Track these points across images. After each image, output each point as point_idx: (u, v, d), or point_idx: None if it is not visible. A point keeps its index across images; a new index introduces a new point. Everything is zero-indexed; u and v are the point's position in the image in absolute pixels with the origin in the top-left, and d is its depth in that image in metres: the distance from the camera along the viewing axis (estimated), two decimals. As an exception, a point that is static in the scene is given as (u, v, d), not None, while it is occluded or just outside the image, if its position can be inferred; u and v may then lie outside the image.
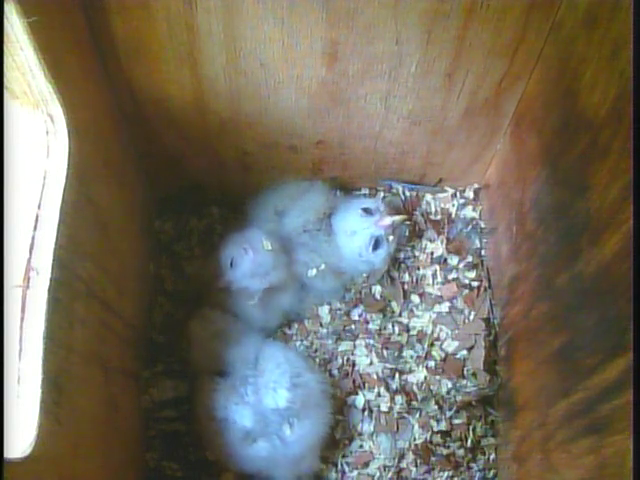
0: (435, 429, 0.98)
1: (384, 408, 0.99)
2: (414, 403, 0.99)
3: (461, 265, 1.08)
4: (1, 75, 0.61)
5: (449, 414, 0.99)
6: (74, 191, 0.66)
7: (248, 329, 1.00)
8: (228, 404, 0.92)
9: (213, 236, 1.08)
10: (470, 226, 1.11)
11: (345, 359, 1.02)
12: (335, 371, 1.02)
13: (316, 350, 1.03)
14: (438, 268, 1.08)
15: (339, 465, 0.98)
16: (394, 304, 1.06)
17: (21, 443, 0.55)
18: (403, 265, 1.09)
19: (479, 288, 1.06)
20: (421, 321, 1.05)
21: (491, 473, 1.00)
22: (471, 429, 1.00)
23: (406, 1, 0.74)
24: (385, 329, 1.04)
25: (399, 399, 0.99)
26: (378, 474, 0.98)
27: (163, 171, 1.04)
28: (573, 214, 0.75)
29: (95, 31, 0.75)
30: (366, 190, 1.14)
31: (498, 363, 1.02)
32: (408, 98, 0.90)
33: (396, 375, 1.01)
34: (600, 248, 0.68)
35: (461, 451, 0.99)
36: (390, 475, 0.97)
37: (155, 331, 1.03)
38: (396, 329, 1.04)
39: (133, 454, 0.93)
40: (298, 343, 1.04)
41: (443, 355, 1.02)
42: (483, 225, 1.10)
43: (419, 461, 0.98)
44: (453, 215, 1.12)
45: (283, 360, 0.94)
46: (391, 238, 1.03)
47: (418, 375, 1.01)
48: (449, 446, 0.99)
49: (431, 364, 1.02)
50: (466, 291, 1.06)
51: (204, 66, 0.82)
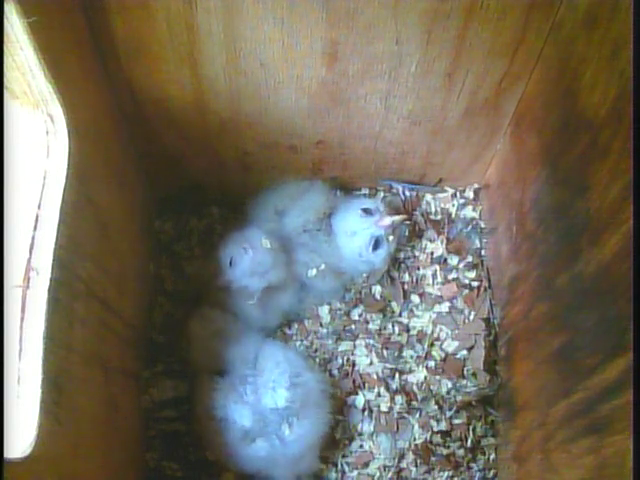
0: (435, 429, 0.98)
1: (384, 408, 0.99)
2: (414, 403, 0.99)
3: (461, 265, 1.08)
4: (1, 75, 0.61)
5: (449, 414, 0.99)
6: (74, 191, 0.66)
7: (248, 328, 1.00)
8: (227, 403, 0.92)
9: (213, 236, 1.07)
10: (470, 226, 1.11)
11: (345, 359, 1.02)
12: (335, 371, 1.02)
13: (316, 350, 1.03)
14: (438, 268, 1.08)
15: (339, 465, 0.98)
16: (394, 304, 1.06)
17: (21, 443, 0.55)
18: (403, 265, 1.09)
19: (479, 288, 1.06)
20: (421, 321, 1.05)
21: (491, 473, 1.00)
22: (471, 429, 1.00)
23: (406, 1, 0.74)
24: (385, 329, 1.04)
25: (399, 399, 0.99)
26: (378, 474, 0.98)
27: (163, 171, 1.04)
28: (573, 214, 0.75)
29: (95, 31, 0.75)
30: (366, 190, 1.14)
31: (498, 363, 1.02)
32: (408, 98, 0.90)
33: (396, 375, 1.01)
34: (600, 248, 0.68)
35: (461, 451, 0.99)
36: (390, 475, 0.98)
37: (155, 331, 1.03)
38: (396, 329, 1.04)
39: (133, 454, 0.93)
40: (298, 343, 1.04)
41: (443, 355, 1.02)
42: (483, 225, 1.10)
43: (419, 461, 0.98)
44: (453, 215, 1.12)
45: (282, 359, 0.94)
46: (391, 238, 1.03)
47: (418, 375, 1.01)
48: (449, 446, 0.99)
49: (431, 364, 1.02)
50: (466, 291, 1.06)
51: (204, 66, 0.82)
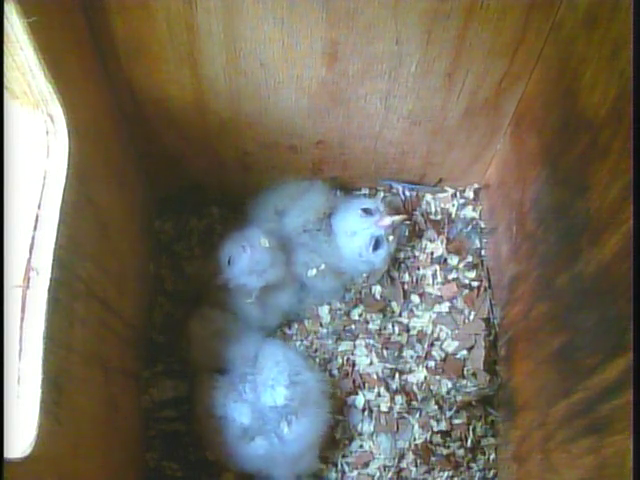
0: (435, 429, 0.98)
1: (384, 408, 0.99)
2: (414, 403, 0.99)
3: (461, 265, 1.08)
4: (1, 75, 0.61)
5: (449, 414, 0.99)
6: (74, 191, 0.66)
7: (248, 328, 1.00)
8: (227, 402, 0.92)
9: (213, 236, 1.07)
10: (470, 226, 1.11)
11: (345, 359, 1.02)
12: (335, 371, 1.02)
13: (316, 350, 1.03)
14: (438, 268, 1.08)
15: (339, 465, 0.98)
16: (394, 304, 1.06)
17: (21, 443, 0.55)
18: (403, 265, 1.09)
19: (479, 288, 1.06)
20: (421, 321, 1.05)
21: (491, 473, 1.00)
22: (471, 429, 1.00)
23: (406, 1, 0.74)
24: (385, 329, 1.04)
25: (399, 399, 0.99)
26: (378, 474, 0.98)
27: (163, 171, 1.04)
28: (573, 214, 0.75)
29: (95, 31, 0.75)
30: (366, 190, 1.14)
31: (498, 363, 1.02)
32: (408, 98, 0.90)
33: (396, 375, 1.00)
34: (600, 248, 0.68)
35: (461, 451, 0.99)
36: (390, 475, 0.97)
37: (155, 331, 1.03)
38: (396, 329, 1.04)
39: (133, 454, 0.93)
40: (298, 343, 1.04)
41: (443, 355, 1.02)
42: (483, 225, 1.10)
43: (419, 461, 0.98)
44: (453, 215, 1.12)
45: (282, 358, 0.94)
46: (391, 238, 1.03)
47: (418, 375, 1.01)
48: (449, 446, 0.99)
49: (431, 364, 1.02)
50: (466, 291, 1.06)
51: (204, 66, 0.82)
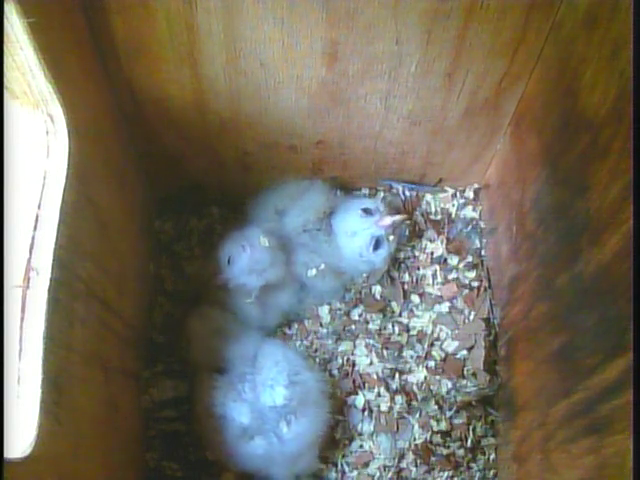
0: (435, 429, 0.98)
1: (384, 408, 0.99)
2: (414, 403, 0.99)
3: (461, 265, 1.08)
4: (1, 75, 0.61)
5: (449, 414, 0.99)
6: (74, 191, 0.66)
7: (247, 327, 1.00)
8: (226, 401, 0.92)
9: (213, 236, 1.07)
10: (470, 226, 1.11)
11: (345, 359, 1.02)
12: (335, 371, 1.02)
13: (316, 350, 1.03)
14: (438, 268, 1.08)
15: (339, 465, 0.98)
16: (394, 304, 1.06)
17: (21, 443, 0.55)
18: (403, 265, 1.09)
19: (479, 288, 1.06)
20: (421, 321, 1.05)
21: (491, 473, 1.00)
22: (471, 429, 1.00)
23: (406, 1, 0.74)
24: (385, 329, 1.04)
25: (399, 399, 0.99)
26: (378, 474, 0.98)
27: (163, 171, 1.04)
28: (573, 214, 0.75)
29: (95, 31, 0.75)
30: (366, 190, 1.14)
31: (498, 363, 1.02)
32: (408, 98, 0.90)
33: (396, 375, 1.00)
34: (600, 248, 0.68)
35: (461, 451, 0.99)
36: (390, 475, 0.97)
37: (155, 331, 1.03)
38: (396, 329, 1.04)
39: (133, 454, 0.93)
40: (298, 343, 1.04)
41: (443, 355, 1.02)
42: (483, 225, 1.10)
43: (419, 461, 0.98)
44: (453, 215, 1.12)
45: (281, 358, 0.94)
46: (392, 238, 1.03)
47: (418, 375, 1.01)
48: (449, 446, 0.99)
49: (431, 364, 1.02)
50: (466, 291, 1.06)
51: (204, 66, 0.82)
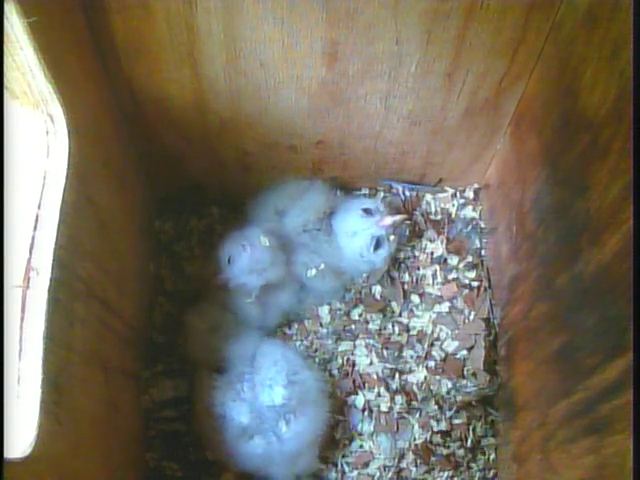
0: (435, 429, 0.98)
1: (384, 408, 0.99)
2: (414, 403, 0.99)
3: (461, 265, 1.08)
4: (1, 75, 0.61)
5: (449, 414, 0.99)
6: (74, 191, 0.66)
7: (247, 326, 1.00)
8: (225, 400, 0.92)
9: (213, 236, 1.07)
10: (470, 226, 1.11)
11: (345, 359, 1.02)
12: (335, 371, 1.02)
13: (316, 350, 1.03)
14: (438, 268, 1.08)
15: (339, 465, 0.98)
16: (394, 304, 1.06)
17: (21, 443, 0.55)
18: (403, 265, 1.09)
19: (479, 288, 1.06)
20: (421, 321, 1.05)
21: (491, 473, 1.00)
22: (471, 429, 1.00)
23: (406, 1, 0.74)
24: (385, 329, 1.04)
25: (399, 399, 0.99)
26: (378, 474, 0.98)
27: (163, 171, 1.04)
28: (573, 214, 0.75)
29: (95, 31, 0.75)
30: (366, 190, 1.14)
31: (498, 363, 1.02)
32: (408, 98, 0.90)
33: (396, 375, 1.00)
34: (600, 248, 0.68)
35: (461, 451, 0.99)
36: (390, 475, 0.97)
37: (155, 331, 1.02)
38: (396, 329, 1.04)
39: (133, 454, 0.93)
40: (298, 343, 1.04)
41: (443, 355, 1.02)
42: (483, 225, 1.10)
43: (419, 461, 0.98)
44: (453, 215, 1.12)
45: (280, 357, 0.94)
46: (392, 238, 1.03)
47: (418, 375, 1.01)
48: (449, 446, 0.99)
49: (431, 364, 1.02)
50: (466, 291, 1.06)
51: (204, 66, 0.82)
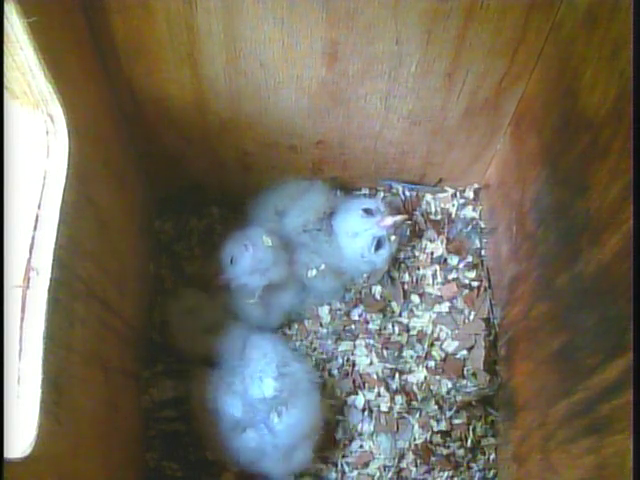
0: (435, 429, 0.98)
1: (384, 408, 0.99)
2: (414, 403, 0.99)
3: (461, 265, 1.08)
4: (1, 75, 0.61)
5: (449, 414, 0.99)
6: (74, 191, 0.66)
7: (234, 319, 0.99)
8: (218, 394, 0.92)
9: (213, 236, 1.07)
10: (470, 226, 1.11)
11: (345, 359, 1.02)
12: (335, 371, 1.02)
13: (316, 350, 1.03)
14: (438, 268, 1.08)
15: (339, 465, 0.98)
16: (394, 304, 1.06)
17: (21, 443, 0.55)
18: (403, 265, 1.09)
19: (479, 288, 1.06)
20: (421, 321, 1.05)
21: (491, 473, 1.00)
22: (471, 429, 1.00)
23: (406, 1, 0.74)
24: (385, 329, 1.04)
25: (399, 399, 0.99)
26: (378, 474, 0.98)
27: (163, 171, 1.04)
28: (573, 214, 0.75)
29: (95, 31, 0.75)
30: (366, 190, 1.14)
31: (498, 363, 1.02)
32: (408, 98, 0.90)
33: (396, 375, 1.00)
34: (600, 248, 0.68)
35: (461, 451, 0.99)
36: (390, 475, 0.97)
37: (155, 331, 1.02)
38: (396, 329, 1.04)
39: (133, 454, 0.93)
40: (298, 343, 1.04)
41: (443, 355, 1.02)
42: (483, 225, 1.10)
43: (419, 461, 0.98)
44: (453, 215, 1.12)
45: (270, 350, 0.94)
46: (393, 238, 1.03)
47: (418, 375, 1.01)
48: (449, 446, 0.99)
49: (431, 364, 1.02)
50: (466, 291, 1.06)
51: (204, 66, 0.82)
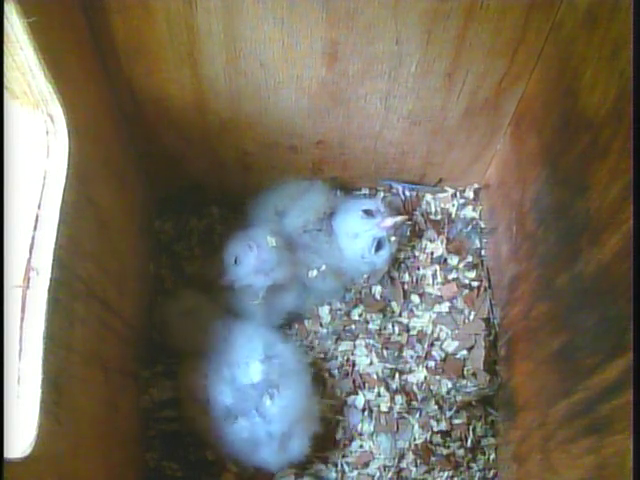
0: (435, 429, 0.98)
1: (384, 408, 0.99)
2: (414, 403, 0.99)
3: (461, 265, 1.08)
4: (1, 75, 0.61)
5: (449, 414, 0.99)
6: (74, 191, 0.66)
7: (219, 309, 0.99)
8: (208, 383, 0.91)
9: (213, 236, 1.07)
10: (470, 226, 1.11)
11: (345, 359, 1.02)
12: (335, 371, 1.02)
13: (313, 349, 1.03)
14: (438, 268, 1.08)
15: (339, 465, 0.98)
16: (394, 304, 1.06)
17: (21, 443, 0.55)
18: (403, 265, 1.09)
19: (479, 288, 1.06)
20: (421, 321, 1.05)
21: (491, 473, 1.00)
22: (471, 429, 1.00)
23: (406, 1, 0.74)
24: (385, 329, 1.04)
25: (399, 399, 0.99)
26: (378, 474, 0.98)
27: (163, 171, 1.04)
28: (573, 214, 0.75)
29: (95, 31, 0.75)
30: (366, 190, 1.14)
31: (498, 363, 1.02)
32: (408, 98, 0.90)
33: (396, 375, 1.00)
34: (600, 248, 0.68)
35: (461, 451, 0.99)
36: (390, 475, 0.97)
37: (155, 331, 1.02)
38: (396, 329, 1.04)
39: (133, 454, 0.93)
40: (298, 343, 1.04)
41: (443, 355, 1.02)
42: (483, 225, 1.10)
43: (419, 461, 0.98)
44: (453, 215, 1.12)
45: (253, 333, 0.94)
46: (393, 239, 1.03)
47: (418, 375, 1.01)
48: (449, 446, 0.99)
49: (431, 364, 1.02)
50: (466, 291, 1.06)
51: (204, 66, 0.82)
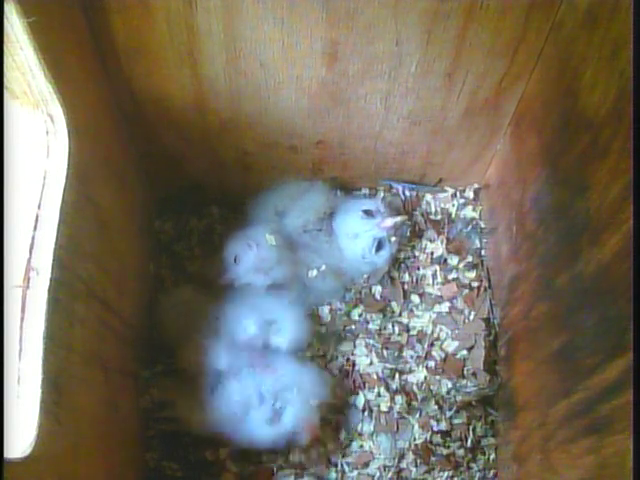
0: (435, 429, 0.98)
1: (384, 408, 0.99)
2: (414, 403, 0.99)
3: (461, 265, 1.08)
4: (1, 75, 0.61)
5: (449, 414, 0.99)
6: (74, 191, 0.66)
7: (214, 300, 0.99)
8: (204, 351, 0.91)
9: (213, 236, 1.07)
10: (470, 226, 1.11)
11: (345, 359, 1.02)
12: (335, 371, 1.02)
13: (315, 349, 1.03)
14: (438, 268, 1.08)
15: (339, 465, 0.98)
16: (394, 304, 1.06)
17: (21, 443, 0.55)
18: (403, 265, 1.08)
19: (479, 288, 1.06)
20: (421, 321, 1.05)
21: (491, 473, 1.00)
22: (471, 429, 1.00)
23: (406, 1, 0.74)
24: (385, 329, 1.04)
25: (399, 399, 0.99)
26: (378, 474, 0.98)
27: (163, 171, 1.04)
28: (573, 214, 0.75)
29: (95, 31, 0.75)
30: (366, 190, 1.14)
31: (498, 363, 1.02)
32: (408, 98, 0.90)
33: (396, 375, 1.00)
34: (600, 248, 0.68)
35: (461, 451, 0.99)
36: (390, 475, 0.97)
37: (155, 331, 1.02)
38: (396, 329, 1.04)
39: (133, 454, 0.93)
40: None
41: (443, 355, 1.02)
42: (483, 225, 1.10)
43: (419, 461, 0.98)
44: (453, 215, 1.12)
45: (251, 301, 0.94)
46: (393, 239, 1.03)
47: (418, 375, 1.01)
48: (449, 446, 0.99)
49: (431, 364, 1.02)
50: (466, 291, 1.06)
51: (204, 66, 0.82)
